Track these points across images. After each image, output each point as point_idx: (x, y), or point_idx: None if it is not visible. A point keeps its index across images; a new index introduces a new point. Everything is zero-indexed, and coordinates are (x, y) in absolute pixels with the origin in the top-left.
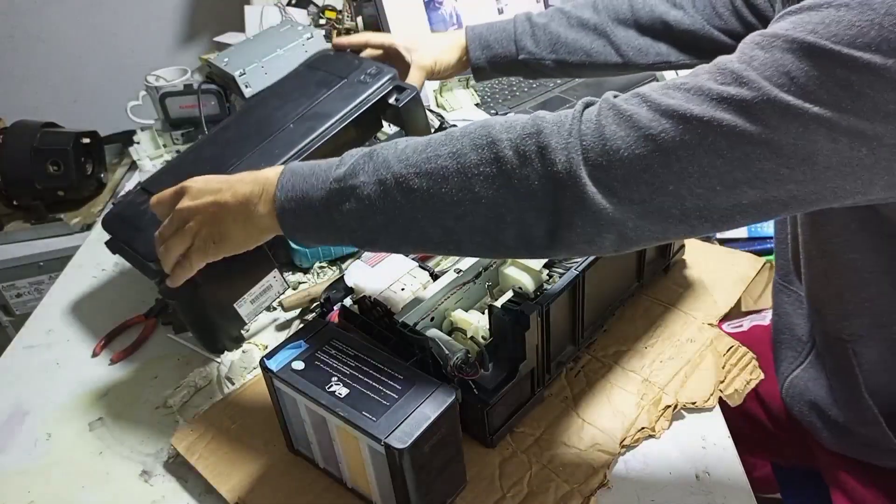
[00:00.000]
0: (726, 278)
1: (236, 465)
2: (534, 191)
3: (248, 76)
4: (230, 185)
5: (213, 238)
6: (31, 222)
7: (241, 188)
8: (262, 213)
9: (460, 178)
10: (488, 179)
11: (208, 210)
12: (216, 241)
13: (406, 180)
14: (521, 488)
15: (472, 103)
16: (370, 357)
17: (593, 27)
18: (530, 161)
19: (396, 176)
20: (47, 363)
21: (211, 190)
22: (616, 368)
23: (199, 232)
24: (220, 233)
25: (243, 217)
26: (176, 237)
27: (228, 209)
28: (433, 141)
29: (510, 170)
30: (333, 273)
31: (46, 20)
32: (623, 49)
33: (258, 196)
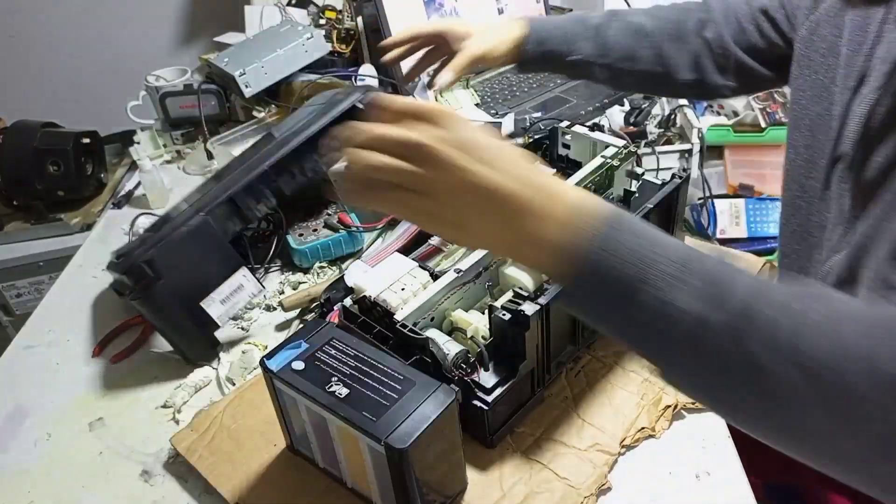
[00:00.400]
0: None
1: (236, 465)
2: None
3: (248, 76)
4: (514, 173)
5: (439, 212)
6: (31, 222)
7: (524, 188)
8: (541, 238)
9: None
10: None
11: (464, 177)
12: (440, 218)
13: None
14: (522, 488)
15: (472, 103)
16: (370, 357)
17: (646, 35)
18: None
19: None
20: (47, 363)
21: (482, 156)
22: (616, 368)
23: (430, 191)
24: (458, 217)
25: (501, 220)
26: (393, 168)
27: (490, 196)
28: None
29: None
30: (333, 273)
31: (46, 20)
32: (669, 62)
33: (544, 213)
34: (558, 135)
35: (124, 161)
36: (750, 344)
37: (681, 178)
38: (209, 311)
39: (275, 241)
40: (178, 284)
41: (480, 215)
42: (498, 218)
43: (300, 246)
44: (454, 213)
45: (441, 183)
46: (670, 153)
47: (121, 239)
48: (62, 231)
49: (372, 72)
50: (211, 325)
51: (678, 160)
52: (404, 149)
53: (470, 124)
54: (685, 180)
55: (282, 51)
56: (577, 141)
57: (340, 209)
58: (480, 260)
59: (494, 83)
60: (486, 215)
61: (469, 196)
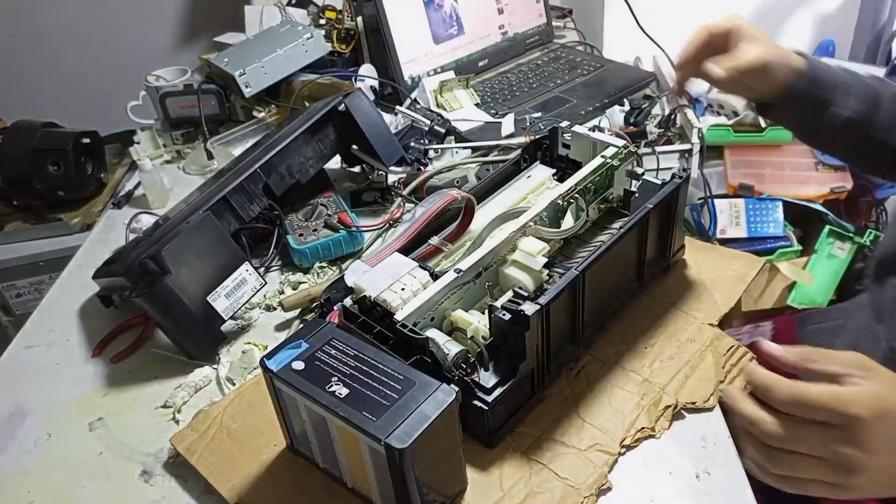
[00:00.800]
0: (727, 278)
1: (236, 466)
2: None
3: (248, 76)
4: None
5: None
6: (31, 222)
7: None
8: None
9: None
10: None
11: (881, 469)
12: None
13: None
14: (522, 488)
15: (472, 103)
16: (370, 357)
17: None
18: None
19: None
20: (47, 363)
21: (893, 445)
22: (616, 368)
23: (850, 486)
24: (880, 489)
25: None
26: (816, 471)
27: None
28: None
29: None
30: (333, 273)
31: (46, 20)
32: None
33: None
34: (558, 135)
35: (124, 161)
36: None
37: (681, 178)
38: (215, 305)
39: (274, 239)
40: (184, 280)
41: (891, 492)
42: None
43: (300, 246)
44: (872, 493)
45: (862, 486)
46: (670, 153)
47: (121, 239)
48: (62, 231)
49: (372, 72)
50: (216, 319)
51: (678, 160)
52: (832, 458)
53: (884, 416)
54: (685, 180)
55: (282, 51)
56: (577, 141)
57: (340, 209)
58: (480, 260)
59: (494, 83)
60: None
61: (889, 486)
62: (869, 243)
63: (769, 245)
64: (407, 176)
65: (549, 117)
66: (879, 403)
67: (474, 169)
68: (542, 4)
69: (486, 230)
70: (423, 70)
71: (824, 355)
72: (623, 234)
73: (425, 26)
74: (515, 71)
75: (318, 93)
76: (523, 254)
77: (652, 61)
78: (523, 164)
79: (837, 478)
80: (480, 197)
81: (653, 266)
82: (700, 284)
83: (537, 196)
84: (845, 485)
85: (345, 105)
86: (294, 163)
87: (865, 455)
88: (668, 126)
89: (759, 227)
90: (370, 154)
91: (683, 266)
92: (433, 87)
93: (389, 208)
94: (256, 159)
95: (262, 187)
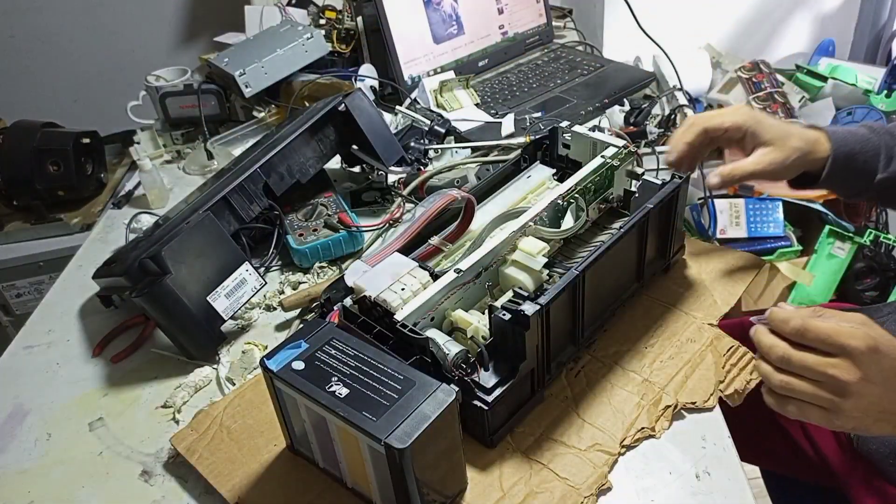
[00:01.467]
0: (726, 278)
1: (236, 466)
2: None
3: (248, 76)
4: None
5: (839, 423)
6: (31, 222)
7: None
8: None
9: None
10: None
11: (870, 400)
12: (836, 424)
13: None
14: (522, 488)
15: (472, 103)
16: (370, 357)
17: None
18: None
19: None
20: (47, 363)
21: (884, 382)
22: (616, 368)
23: (839, 410)
24: (855, 425)
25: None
26: (812, 393)
27: (893, 413)
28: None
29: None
30: (333, 273)
31: (46, 20)
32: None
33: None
34: (558, 135)
35: (124, 161)
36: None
37: (681, 177)
38: (215, 305)
39: (274, 239)
40: (184, 280)
41: (885, 428)
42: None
43: (300, 246)
44: (858, 423)
45: (851, 412)
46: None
47: (121, 239)
48: (62, 231)
49: (372, 72)
50: (217, 319)
51: None
52: (827, 381)
53: (878, 354)
54: (685, 180)
55: (282, 51)
56: (577, 141)
57: (340, 209)
58: (480, 260)
59: (494, 83)
60: (893, 430)
61: (876, 420)
62: (869, 243)
63: (769, 245)
64: (407, 176)
65: (549, 117)
66: (874, 342)
67: (474, 169)
68: (542, 4)
69: (486, 230)
70: (423, 70)
71: (832, 312)
72: (623, 234)
73: (425, 26)
74: (515, 71)
75: (318, 93)
76: (523, 254)
77: (652, 61)
78: (523, 164)
79: (830, 402)
80: (480, 197)
81: (653, 266)
82: (700, 284)
83: (537, 196)
84: (837, 409)
85: (345, 105)
86: (294, 163)
87: (856, 381)
88: (668, 126)
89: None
90: (370, 154)
91: (683, 266)
92: (433, 87)
93: (389, 208)
94: (256, 159)
95: (262, 187)
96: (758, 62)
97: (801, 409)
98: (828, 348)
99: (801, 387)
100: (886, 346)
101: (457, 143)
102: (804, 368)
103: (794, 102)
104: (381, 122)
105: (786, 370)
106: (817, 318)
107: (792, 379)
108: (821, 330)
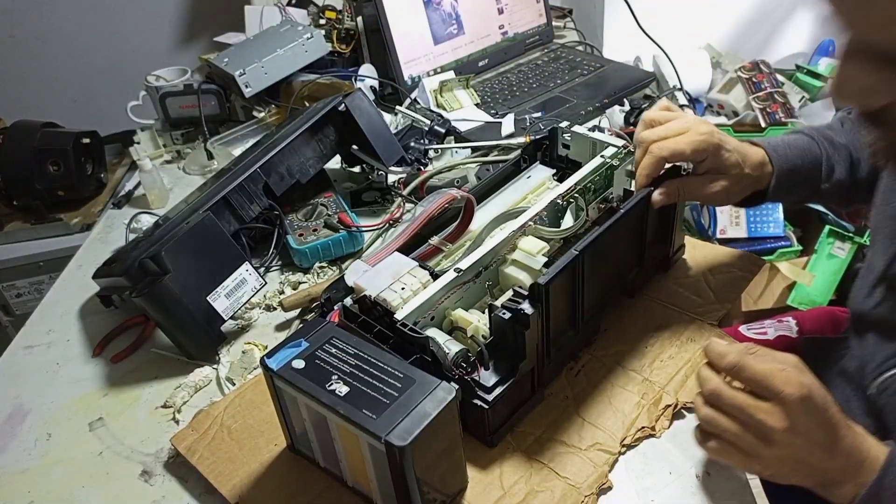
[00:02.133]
0: (726, 278)
1: (237, 465)
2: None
3: (248, 76)
4: (829, 445)
5: (760, 469)
6: (31, 222)
7: (832, 460)
8: (839, 495)
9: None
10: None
11: (792, 451)
12: (757, 469)
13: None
14: (522, 487)
15: (472, 103)
16: (370, 355)
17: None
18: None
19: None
20: (47, 363)
21: (808, 434)
22: (616, 368)
23: (760, 457)
24: (776, 473)
25: (815, 482)
26: (739, 439)
27: (810, 466)
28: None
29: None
30: (333, 273)
31: (46, 20)
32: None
33: (846, 476)
34: (558, 135)
35: (124, 161)
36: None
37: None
38: (215, 305)
39: (274, 239)
40: (184, 280)
41: (797, 478)
42: (816, 478)
43: (300, 246)
44: (774, 471)
45: (770, 460)
46: None
47: (121, 239)
48: (62, 231)
49: (372, 72)
50: (216, 319)
51: None
52: (757, 431)
53: (809, 405)
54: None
55: (282, 51)
56: (576, 141)
57: (340, 209)
58: (480, 259)
59: (494, 83)
60: (803, 481)
61: (792, 470)
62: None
63: (769, 245)
64: (407, 176)
65: (549, 117)
66: (808, 390)
67: (474, 169)
68: (542, 4)
69: (485, 230)
70: (423, 70)
71: (766, 352)
72: (624, 214)
73: (425, 26)
74: (515, 71)
75: (318, 93)
76: (523, 253)
77: (652, 61)
78: (523, 165)
79: (752, 446)
80: (480, 197)
81: (653, 265)
82: (700, 284)
83: (537, 196)
84: (757, 455)
85: (345, 105)
86: (294, 163)
87: (782, 430)
88: None
89: (759, 227)
90: (370, 154)
91: (683, 265)
92: (433, 87)
93: (389, 208)
94: (256, 159)
95: (262, 187)
96: (758, 62)
97: (721, 448)
98: (761, 391)
99: (727, 425)
100: (817, 395)
101: (457, 143)
102: (733, 407)
103: (794, 102)
104: (381, 122)
105: (714, 405)
106: (752, 357)
107: (718, 415)
108: (756, 371)
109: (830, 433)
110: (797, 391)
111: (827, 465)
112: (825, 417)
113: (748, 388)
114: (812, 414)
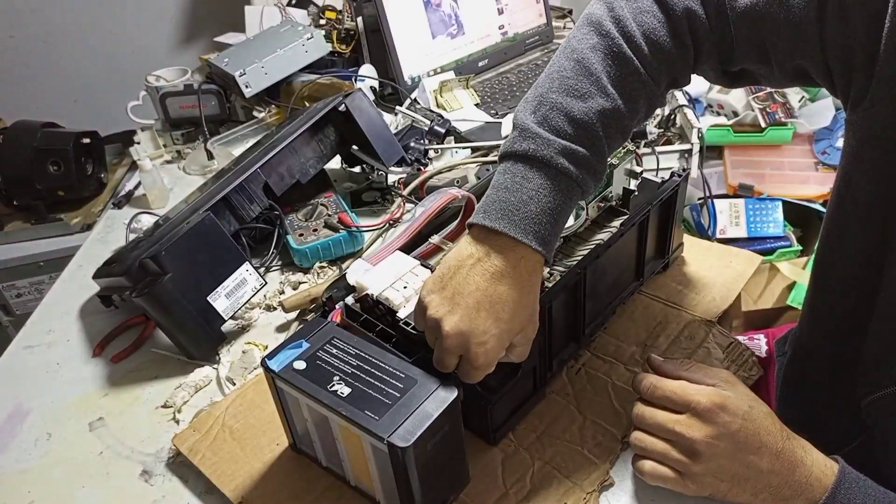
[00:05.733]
0: (725, 276)
1: (239, 465)
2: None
3: (248, 76)
4: (757, 448)
5: (692, 489)
6: (31, 222)
7: (767, 463)
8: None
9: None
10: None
11: (719, 461)
12: (690, 489)
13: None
14: (524, 485)
15: (472, 103)
16: (372, 355)
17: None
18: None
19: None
20: (47, 363)
21: (730, 437)
22: (617, 366)
23: (690, 475)
24: (720, 487)
25: (767, 498)
26: (667, 457)
27: (746, 478)
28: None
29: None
30: (333, 273)
31: (46, 20)
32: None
33: (794, 491)
34: None
35: (124, 161)
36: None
37: (680, 176)
38: (215, 305)
39: (274, 239)
40: (184, 280)
41: (745, 495)
42: (761, 499)
43: (300, 246)
44: (713, 489)
45: (703, 476)
46: (670, 153)
47: (121, 239)
48: (62, 231)
49: (372, 72)
50: (217, 319)
51: (678, 160)
52: (677, 439)
53: (725, 410)
54: (684, 179)
55: (282, 51)
56: None
57: (340, 209)
58: None
59: (494, 83)
60: (752, 498)
61: (732, 485)
62: None
63: (769, 245)
64: (407, 176)
65: None
66: (722, 399)
67: (474, 169)
68: (542, 4)
69: None
70: (423, 70)
71: (699, 367)
72: (623, 233)
73: (425, 26)
74: (515, 71)
75: (318, 93)
76: None
77: None
78: None
79: (680, 463)
80: (480, 196)
81: (652, 264)
82: (699, 282)
83: None
84: (689, 472)
85: (345, 105)
86: (294, 163)
87: (702, 440)
88: (668, 126)
89: (759, 227)
90: (370, 154)
91: (682, 264)
92: (433, 88)
93: (389, 208)
94: (256, 159)
95: (263, 187)
96: None
97: (654, 470)
98: (674, 406)
99: (652, 444)
100: (734, 406)
101: (457, 143)
102: (653, 425)
103: (794, 102)
104: (381, 122)
105: (641, 428)
106: (684, 372)
107: (644, 435)
108: (667, 387)
109: (755, 437)
110: (707, 399)
111: (763, 470)
112: (746, 422)
113: (667, 406)
114: (730, 423)
